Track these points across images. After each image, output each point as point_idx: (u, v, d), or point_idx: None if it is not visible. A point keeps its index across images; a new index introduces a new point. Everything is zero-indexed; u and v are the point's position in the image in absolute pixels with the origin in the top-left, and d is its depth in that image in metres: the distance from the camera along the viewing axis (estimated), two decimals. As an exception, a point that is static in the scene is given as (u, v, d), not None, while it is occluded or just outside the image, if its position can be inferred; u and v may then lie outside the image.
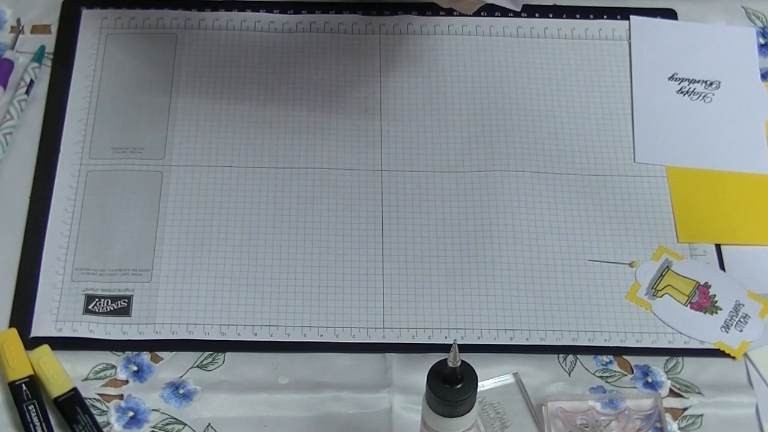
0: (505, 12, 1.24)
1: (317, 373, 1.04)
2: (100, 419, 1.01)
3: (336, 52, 1.22)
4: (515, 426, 1.02)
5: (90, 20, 1.23)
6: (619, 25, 1.24)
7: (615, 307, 1.08)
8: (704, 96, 1.20)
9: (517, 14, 1.24)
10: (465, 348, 0.93)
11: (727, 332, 1.07)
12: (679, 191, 1.15)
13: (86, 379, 1.04)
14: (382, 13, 1.24)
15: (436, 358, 0.88)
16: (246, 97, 1.19)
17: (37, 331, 1.06)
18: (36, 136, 1.16)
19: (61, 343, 1.05)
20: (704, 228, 1.13)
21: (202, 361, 1.05)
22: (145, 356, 1.05)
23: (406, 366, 1.04)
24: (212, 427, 1.01)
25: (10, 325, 1.06)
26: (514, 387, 1.04)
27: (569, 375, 1.05)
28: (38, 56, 1.20)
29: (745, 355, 1.06)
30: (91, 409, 1.01)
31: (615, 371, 1.05)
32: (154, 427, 1.01)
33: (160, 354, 1.05)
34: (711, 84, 1.21)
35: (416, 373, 1.03)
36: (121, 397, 1.03)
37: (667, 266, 1.10)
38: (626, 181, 1.15)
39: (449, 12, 1.24)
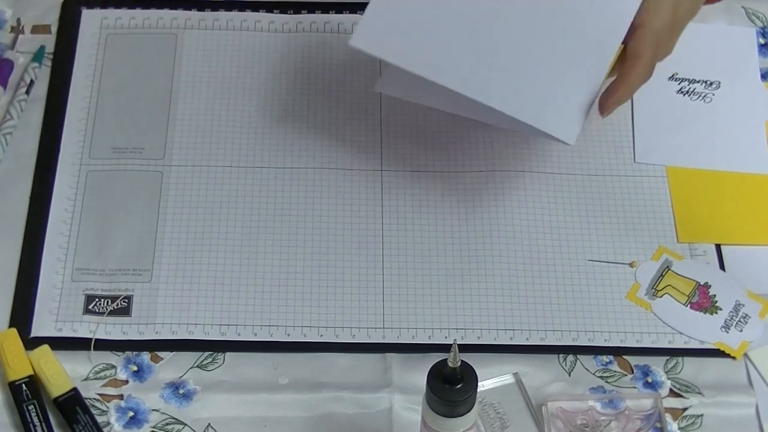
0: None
1: (317, 373, 1.04)
2: (100, 419, 1.01)
3: (336, 53, 1.22)
4: (515, 426, 1.02)
5: (90, 20, 1.23)
6: (619, 25, 1.24)
7: (615, 307, 1.08)
8: (704, 96, 1.20)
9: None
10: (465, 348, 0.93)
11: (727, 332, 1.07)
12: (679, 191, 1.15)
13: (86, 379, 1.04)
14: (382, 13, 1.24)
15: (436, 358, 0.88)
16: (246, 97, 1.19)
17: (37, 331, 1.06)
18: (36, 136, 1.16)
19: (61, 343, 1.05)
20: (704, 228, 1.13)
21: (202, 361, 1.05)
22: (145, 356, 1.05)
23: (406, 366, 1.04)
24: (212, 427, 1.01)
25: (10, 325, 1.06)
26: (514, 387, 1.04)
27: (569, 375, 1.05)
28: (38, 56, 1.20)
29: (745, 355, 1.06)
30: (91, 409, 1.01)
31: (615, 371, 1.05)
32: (154, 427, 1.01)
33: (160, 354, 1.05)
34: (711, 84, 1.21)
35: (416, 373, 1.03)
36: (121, 397, 1.03)
37: (667, 266, 1.10)
38: (626, 181, 1.15)
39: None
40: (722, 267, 1.10)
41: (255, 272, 1.09)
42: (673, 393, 1.04)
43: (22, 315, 1.06)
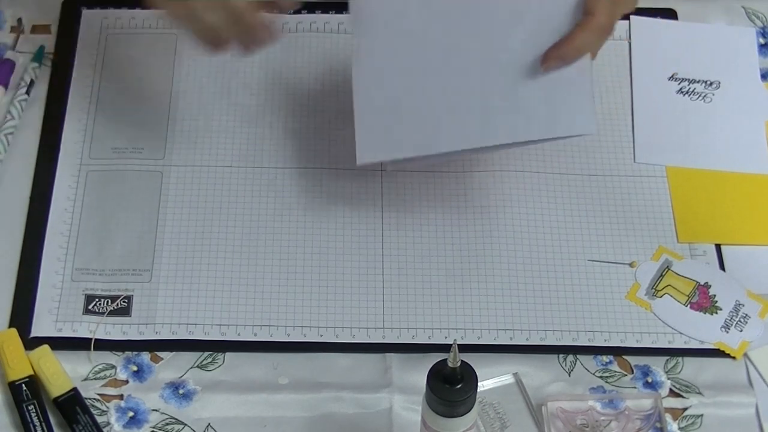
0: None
1: (317, 373, 1.04)
2: (100, 419, 1.01)
3: (336, 52, 1.22)
4: (515, 426, 1.02)
5: (90, 20, 1.23)
6: (619, 25, 1.23)
7: (615, 307, 1.08)
8: (704, 96, 1.20)
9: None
10: (465, 348, 0.93)
11: (727, 332, 1.07)
12: (679, 191, 1.15)
13: (86, 379, 1.04)
14: (382, 13, 1.24)
15: (436, 358, 0.88)
16: (246, 97, 1.19)
17: (37, 331, 1.06)
18: (36, 136, 1.16)
19: (61, 343, 1.05)
20: (704, 228, 1.13)
21: (202, 361, 1.05)
22: (145, 356, 1.05)
23: (406, 366, 1.04)
24: (212, 427, 1.01)
25: (10, 325, 1.06)
26: (514, 387, 1.04)
27: (569, 375, 1.05)
28: (38, 56, 1.20)
29: (745, 355, 1.06)
30: (91, 409, 1.01)
31: (615, 371, 1.05)
32: (154, 427, 1.01)
33: (160, 354, 1.05)
34: (711, 84, 1.21)
35: (416, 373, 1.03)
36: (121, 397, 1.03)
37: (667, 266, 1.10)
38: (626, 181, 1.15)
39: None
40: (722, 267, 1.10)
41: (255, 272, 1.09)
42: (673, 393, 1.04)
43: (22, 315, 1.06)
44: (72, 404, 1.01)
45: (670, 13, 1.25)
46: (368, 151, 1.05)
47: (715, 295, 1.09)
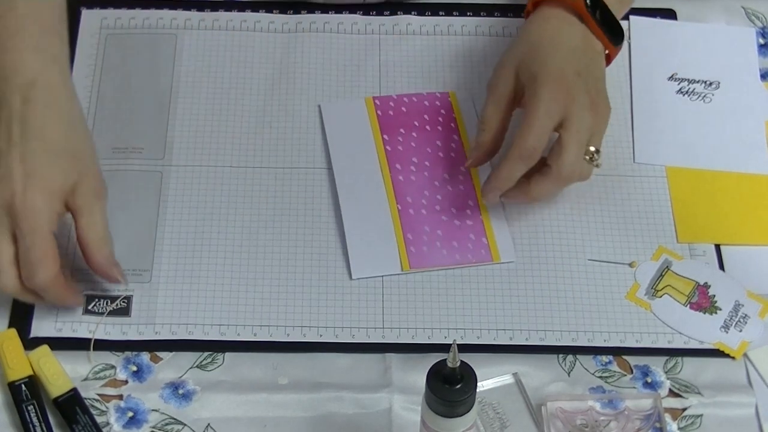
0: (504, 12, 1.25)
1: (317, 373, 1.04)
2: (99, 419, 1.01)
3: (336, 52, 1.22)
4: (515, 426, 1.02)
5: (90, 20, 1.23)
6: (619, 25, 1.24)
7: (615, 307, 1.08)
8: (704, 96, 1.20)
9: (516, 14, 1.24)
10: (465, 348, 0.93)
11: (727, 332, 1.07)
12: (679, 191, 1.15)
13: (86, 379, 1.04)
14: (382, 13, 1.25)
15: (435, 358, 0.88)
16: (246, 97, 1.19)
17: (36, 331, 1.06)
18: (36, 136, 1.16)
19: (60, 343, 1.05)
20: (704, 228, 1.13)
21: (201, 361, 1.05)
22: (145, 356, 1.05)
23: (406, 366, 1.04)
24: (212, 427, 1.01)
25: (10, 325, 1.06)
26: (514, 387, 1.04)
27: (569, 375, 1.05)
28: (38, 56, 1.20)
29: (745, 355, 1.06)
30: (91, 409, 1.01)
31: (614, 371, 1.05)
32: (153, 427, 1.01)
33: (160, 354, 1.05)
34: (711, 84, 1.21)
35: (416, 373, 1.03)
36: (120, 397, 1.03)
37: (667, 266, 1.10)
38: (626, 181, 1.15)
39: (449, 12, 1.24)
40: (722, 267, 1.10)
41: (255, 272, 1.09)
42: (672, 393, 1.04)
43: (21, 315, 1.06)
44: (72, 404, 1.01)
45: (669, 13, 1.25)
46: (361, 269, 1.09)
47: (714, 295, 1.09)
